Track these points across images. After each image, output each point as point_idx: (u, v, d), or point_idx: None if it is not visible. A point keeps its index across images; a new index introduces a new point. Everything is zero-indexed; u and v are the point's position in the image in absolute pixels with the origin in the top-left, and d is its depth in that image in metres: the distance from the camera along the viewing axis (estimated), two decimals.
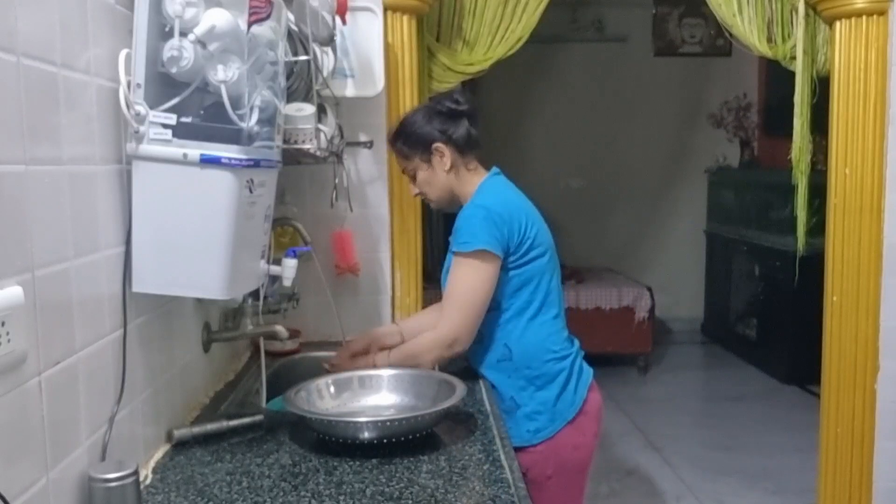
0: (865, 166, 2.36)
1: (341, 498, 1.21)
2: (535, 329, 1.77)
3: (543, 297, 1.77)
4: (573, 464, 1.78)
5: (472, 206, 1.75)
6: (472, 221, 1.71)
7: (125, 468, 1.05)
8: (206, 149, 1.14)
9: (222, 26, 1.11)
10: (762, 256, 5.09)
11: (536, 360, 1.76)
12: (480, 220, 1.70)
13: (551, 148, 5.93)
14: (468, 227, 1.70)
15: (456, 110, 1.79)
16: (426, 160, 1.79)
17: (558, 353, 1.78)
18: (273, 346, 2.12)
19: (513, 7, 2.47)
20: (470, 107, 1.81)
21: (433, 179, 1.81)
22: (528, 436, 1.74)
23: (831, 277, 2.46)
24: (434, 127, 1.77)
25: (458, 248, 1.71)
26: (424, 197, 1.87)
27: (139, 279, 1.20)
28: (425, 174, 1.81)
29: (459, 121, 1.79)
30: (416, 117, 1.81)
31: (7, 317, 0.86)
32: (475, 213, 1.72)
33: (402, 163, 1.85)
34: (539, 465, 1.74)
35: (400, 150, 1.83)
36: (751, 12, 2.47)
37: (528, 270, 1.75)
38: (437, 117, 1.78)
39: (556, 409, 1.75)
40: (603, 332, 4.71)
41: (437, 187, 1.82)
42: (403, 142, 1.81)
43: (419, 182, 1.83)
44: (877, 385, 2.42)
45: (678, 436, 4.01)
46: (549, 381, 1.76)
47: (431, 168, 1.80)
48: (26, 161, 0.92)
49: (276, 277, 1.52)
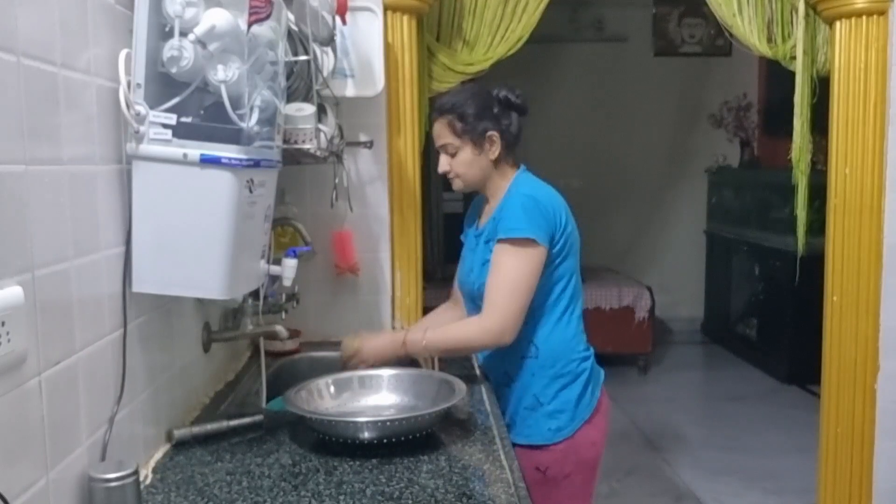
0: (865, 166, 2.36)
1: (341, 498, 1.21)
2: (562, 328, 1.76)
3: (571, 295, 1.76)
4: (589, 461, 1.79)
5: (518, 195, 1.71)
6: (521, 210, 1.66)
7: (125, 468, 1.05)
8: (206, 149, 1.14)
9: (222, 26, 1.11)
10: (762, 256, 5.09)
11: (563, 358, 1.75)
12: (530, 209, 1.66)
13: (551, 148, 5.92)
14: (517, 214, 1.66)
15: (513, 103, 1.77)
16: (477, 144, 1.75)
17: (583, 352, 1.79)
18: (273, 346, 2.12)
19: (513, 7, 2.47)
20: (525, 103, 1.79)
21: (476, 164, 1.76)
22: (550, 434, 1.74)
23: (831, 277, 2.46)
24: (492, 115, 1.74)
25: (507, 233, 1.66)
26: (454, 176, 1.80)
27: (139, 279, 1.20)
28: (468, 157, 1.75)
29: (513, 114, 1.78)
30: (474, 99, 1.75)
31: (7, 317, 0.86)
32: (524, 203, 1.68)
33: (448, 138, 1.76)
34: (559, 463, 1.74)
35: (452, 124, 1.75)
36: (751, 12, 2.47)
37: (562, 268, 1.73)
38: (496, 104, 1.75)
39: (578, 408, 1.75)
40: (603, 332, 4.68)
41: (476, 172, 1.77)
42: (459, 118, 1.74)
43: (458, 161, 1.76)
44: (877, 385, 2.42)
45: (678, 436, 4.01)
46: (573, 381, 1.75)
47: (479, 153, 1.75)
48: (26, 161, 0.92)
49: (276, 277, 1.52)
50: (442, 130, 1.77)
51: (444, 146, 1.78)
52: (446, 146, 1.77)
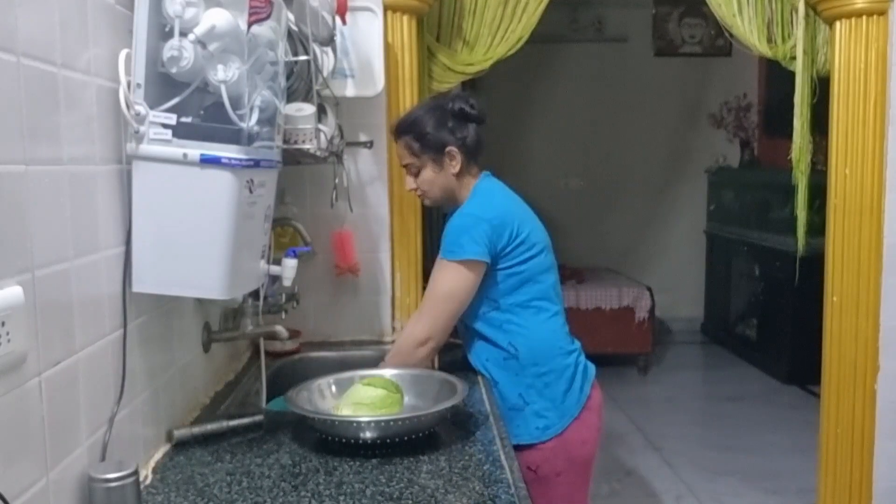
0: (865, 166, 2.36)
1: (341, 498, 1.21)
2: (539, 326, 1.77)
3: (544, 294, 1.78)
4: (581, 459, 1.79)
5: (459, 214, 1.76)
6: (460, 231, 1.72)
7: (125, 468, 1.05)
8: (206, 149, 1.14)
9: (222, 26, 1.11)
10: (762, 256, 5.09)
11: (543, 357, 1.76)
12: (467, 229, 1.71)
13: (551, 148, 5.93)
14: (455, 236, 1.72)
15: (469, 114, 1.78)
16: (436, 161, 1.78)
17: (563, 349, 1.80)
18: (273, 346, 2.12)
19: (513, 7, 2.47)
20: (481, 113, 1.81)
21: (438, 181, 1.80)
22: (538, 433, 1.75)
23: (831, 277, 2.46)
24: (448, 129, 1.77)
25: (445, 255, 1.73)
26: (421, 194, 1.86)
27: (139, 279, 1.20)
28: (431, 174, 1.80)
29: (470, 125, 1.79)
30: (429, 115, 1.78)
31: (7, 317, 0.86)
32: (462, 223, 1.73)
33: (408, 158, 1.81)
34: (549, 461, 1.75)
35: (409, 145, 1.79)
36: (751, 12, 2.47)
37: (526, 270, 1.76)
38: (450, 119, 1.77)
39: (564, 405, 1.76)
40: (603, 332, 4.70)
41: (440, 188, 1.82)
42: (416, 138, 1.78)
43: (422, 180, 1.82)
44: (877, 385, 2.42)
45: (678, 436, 4.01)
46: (557, 378, 1.77)
47: (440, 170, 1.79)
48: (26, 161, 0.92)
49: (276, 277, 1.52)
50: (402, 151, 1.83)
51: (406, 166, 1.83)
52: (408, 166, 1.83)
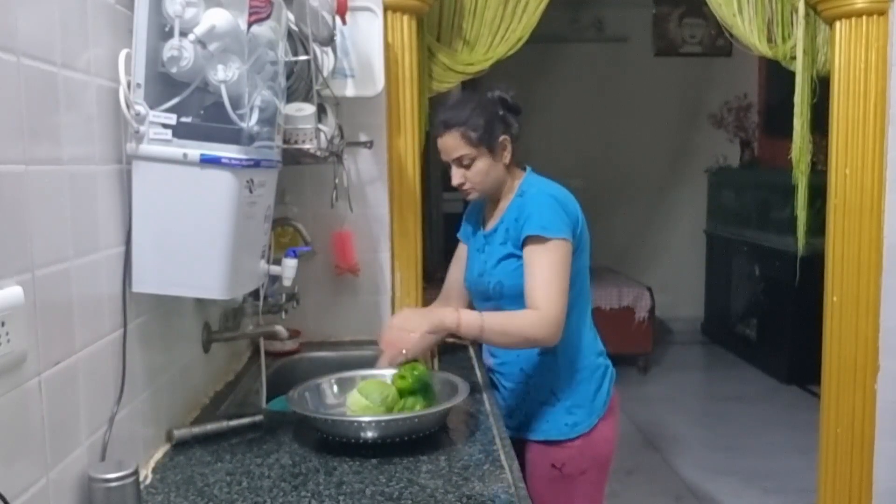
0: (865, 166, 2.36)
1: (341, 498, 1.21)
2: (578, 324, 1.76)
3: (584, 292, 1.78)
4: (604, 458, 1.80)
5: (541, 194, 1.71)
6: (548, 210, 1.66)
7: (125, 468, 1.05)
8: (206, 149, 1.14)
9: (222, 26, 1.11)
10: (762, 256, 5.09)
11: (580, 354, 1.76)
12: (556, 208, 1.67)
13: (551, 148, 5.91)
14: (546, 213, 1.66)
15: (511, 104, 1.76)
16: (492, 151, 1.72)
17: (596, 349, 1.81)
18: (273, 346, 2.12)
19: (513, 7, 2.47)
20: (518, 102, 1.78)
21: (492, 171, 1.74)
22: (567, 430, 1.74)
23: (831, 277, 2.46)
24: (500, 119, 1.73)
25: (540, 231, 1.64)
26: (470, 187, 1.76)
27: (139, 279, 1.20)
28: (485, 165, 1.73)
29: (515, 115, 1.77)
30: (481, 106, 1.72)
31: (7, 317, 0.86)
32: (549, 202, 1.68)
33: (463, 150, 1.71)
34: (575, 459, 1.75)
35: (466, 136, 1.70)
36: (751, 12, 2.47)
37: (577, 265, 1.73)
38: (501, 107, 1.74)
39: (594, 404, 1.77)
40: (603, 332, 4.65)
41: (493, 179, 1.75)
42: (473, 129, 1.70)
43: (475, 171, 1.73)
44: (877, 385, 2.42)
45: (678, 436, 4.01)
46: (589, 377, 1.77)
47: (494, 160, 1.73)
48: (26, 161, 0.92)
49: (276, 277, 1.52)
50: (455, 143, 1.72)
51: (458, 159, 1.73)
52: (461, 158, 1.73)
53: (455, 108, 1.75)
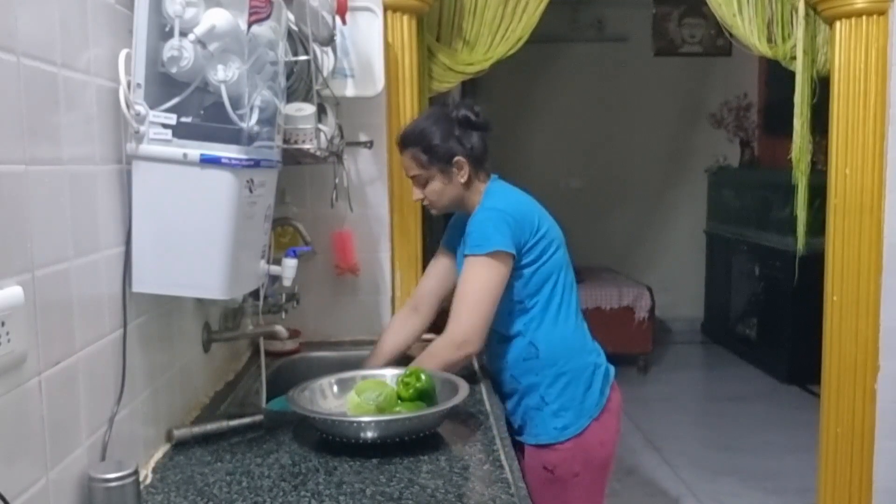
0: (865, 166, 2.36)
1: (341, 498, 1.21)
2: (560, 325, 1.76)
3: (563, 292, 1.77)
4: (599, 461, 1.79)
5: (483, 209, 1.73)
6: (484, 224, 1.69)
7: (125, 468, 1.05)
8: (206, 149, 1.14)
9: (222, 26, 1.11)
10: (762, 256, 5.09)
11: (563, 356, 1.76)
12: (493, 222, 1.68)
13: (551, 148, 5.93)
14: (481, 230, 1.69)
15: (474, 122, 1.76)
16: (445, 172, 1.75)
17: (582, 348, 1.80)
18: (273, 346, 2.12)
19: (513, 7, 2.47)
20: (486, 120, 1.79)
21: (447, 192, 1.77)
22: (556, 433, 1.74)
23: (831, 277, 2.46)
24: (455, 139, 1.74)
25: (472, 251, 1.69)
26: (429, 204, 1.82)
27: (139, 279, 1.20)
28: (440, 185, 1.76)
29: (475, 133, 1.77)
30: (435, 126, 1.75)
31: (7, 317, 0.86)
32: (487, 217, 1.70)
33: (415, 170, 1.77)
34: (567, 462, 1.74)
35: (416, 157, 1.75)
36: (751, 12, 2.47)
37: (547, 267, 1.74)
38: (456, 127, 1.74)
39: (583, 405, 1.76)
40: (603, 332, 4.63)
41: (448, 198, 1.79)
42: (423, 150, 1.74)
43: (430, 191, 1.78)
44: (877, 385, 2.42)
45: (678, 436, 4.01)
46: (576, 378, 1.76)
47: (448, 181, 1.76)
48: (26, 161, 0.92)
49: (276, 277, 1.52)
50: (408, 163, 1.79)
51: (413, 177, 1.79)
52: (416, 177, 1.78)
53: (411, 128, 1.80)
